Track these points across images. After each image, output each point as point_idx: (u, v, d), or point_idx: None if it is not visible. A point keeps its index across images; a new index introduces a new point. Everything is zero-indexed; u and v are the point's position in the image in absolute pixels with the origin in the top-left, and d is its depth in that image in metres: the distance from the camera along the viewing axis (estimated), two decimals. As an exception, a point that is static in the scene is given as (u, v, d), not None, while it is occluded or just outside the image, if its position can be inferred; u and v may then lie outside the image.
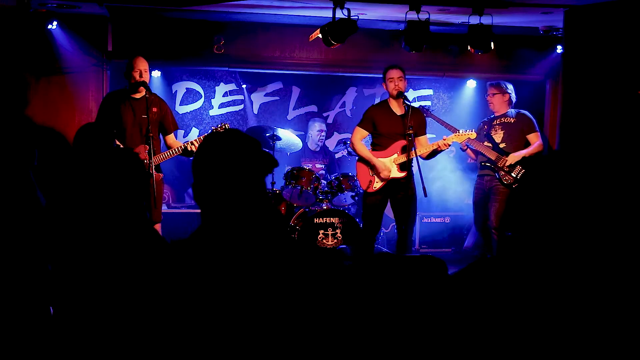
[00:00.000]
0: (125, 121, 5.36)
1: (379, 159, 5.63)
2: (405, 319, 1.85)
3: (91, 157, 3.65)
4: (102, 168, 3.39)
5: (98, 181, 3.20)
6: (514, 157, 5.90)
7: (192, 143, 5.35)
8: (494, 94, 6.12)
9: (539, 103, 7.61)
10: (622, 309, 1.76)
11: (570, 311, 1.76)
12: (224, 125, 5.52)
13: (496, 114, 6.14)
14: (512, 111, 6.12)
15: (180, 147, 5.37)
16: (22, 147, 3.69)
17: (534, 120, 6.11)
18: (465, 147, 6.05)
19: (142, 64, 5.40)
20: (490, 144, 6.04)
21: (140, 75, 5.35)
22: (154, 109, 5.42)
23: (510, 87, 6.14)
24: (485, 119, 6.27)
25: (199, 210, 1.94)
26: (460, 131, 5.83)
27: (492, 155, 5.94)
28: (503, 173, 5.90)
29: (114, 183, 2.57)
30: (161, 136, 5.61)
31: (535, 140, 5.99)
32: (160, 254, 1.92)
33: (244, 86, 7.70)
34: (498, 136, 6.05)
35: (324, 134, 7.36)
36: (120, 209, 2.52)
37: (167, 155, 5.37)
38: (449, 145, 5.71)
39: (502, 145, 6.00)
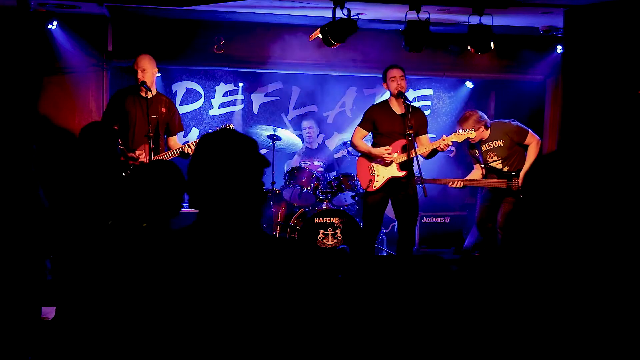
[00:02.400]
0: (133, 119, 5.37)
1: (377, 148, 5.63)
2: (406, 317, 1.85)
3: (95, 157, 3.67)
4: (106, 168, 3.40)
5: (102, 182, 3.21)
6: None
7: (188, 145, 5.37)
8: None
9: (539, 103, 7.61)
10: (622, 308, 1.76)
11: (570, 310, 1.76)
12: (229, 125, 5.52)
13: (482, 140, 5.93)
14: (495, 131, 5.87)
15: (178, 149, 5.39)
16: (23, 147, 3.69)
17: (519, 123, 5.94)
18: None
19: (142, 62, 5.40)
20: (495, 174, 5.93)
21: (143, 74, 5.36)
22: (163, 110, 5.46)
23: (473, 118, 5.79)
24: (476, 147, 6.03)
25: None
26: (460, 131, 5.81)
27: (503, 184, 5.84)
28: (521, 195, 5.75)
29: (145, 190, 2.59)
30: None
31: (532, 141, 5.87)
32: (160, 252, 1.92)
33: (240, 84, 7.67)
34: (497, 163, 5.91)
35: (311, 131, 7.35)
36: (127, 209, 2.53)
37: (167, 156, 5.37)
38: (449, 146, 5.69)
39: (505, 169, 5.89)
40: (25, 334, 3.14)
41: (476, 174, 6.10)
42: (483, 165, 5.98)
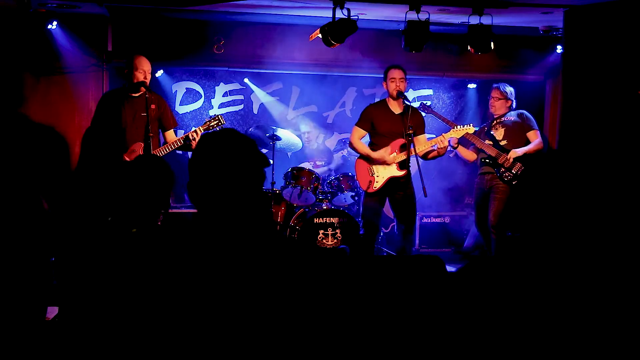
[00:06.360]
0: (124, 120, 5.37)
1: (377, 151, 5.63)
2: (403, 317, 1.85)
3: (96, 161, 3.67)
4: (106, 172, 3.40)
5: (102, 184, 3.21)
6: (514, 153, 5.88)
7: (194, 132, 5.36)
8: (498, 99, 6.10)
9: (539, 103, 7.61)
10: (621, 308, 1.76)
11: (569, 311, 1.75)
12: (218, 117, 5.53)
13: (495, 115, 6.14)
14: (513, 112, 6.13)
15: (180, 139, 5.39)
16: (23, 148, 3.68)
17: (533, 119, 6.13)
18: (457, 145, 5.93)
19: (144, 63, 5.38)
20: (491, 142, 6.03)
21: (145, 77, 5.35)
22: (153, 107, 5.43)
23: (513, 94, 6.14)
24: (486, 123, 6.29)
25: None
26: (458, 127, 5.82)
27: (493, 152, 5.94)
28: (503, 169, 5.90)
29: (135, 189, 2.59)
30: (160, 133, 5.62)
31: (534, 138, 6.01)
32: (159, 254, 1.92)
33: (246, 79, 7.63)
34: (499, 133, 6.04)
35: (307, 135, 7.41)
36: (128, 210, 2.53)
37: (167, 149, 5.36)
38: (447, 147, 5.67)
39: (503, 143, 6.01)
40: (28, 335, 3.13)
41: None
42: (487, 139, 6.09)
